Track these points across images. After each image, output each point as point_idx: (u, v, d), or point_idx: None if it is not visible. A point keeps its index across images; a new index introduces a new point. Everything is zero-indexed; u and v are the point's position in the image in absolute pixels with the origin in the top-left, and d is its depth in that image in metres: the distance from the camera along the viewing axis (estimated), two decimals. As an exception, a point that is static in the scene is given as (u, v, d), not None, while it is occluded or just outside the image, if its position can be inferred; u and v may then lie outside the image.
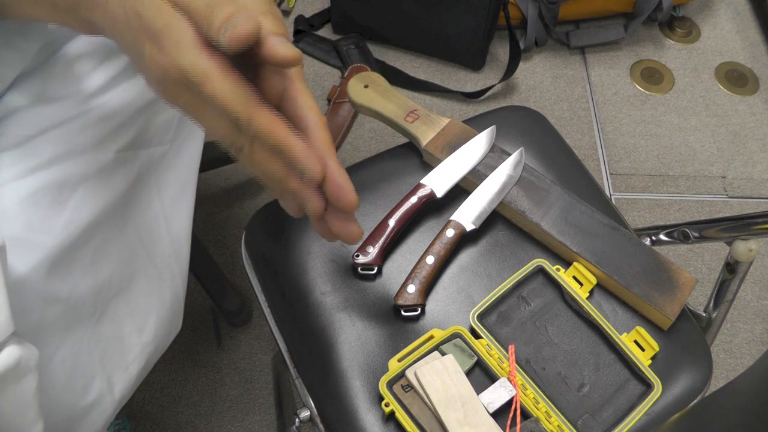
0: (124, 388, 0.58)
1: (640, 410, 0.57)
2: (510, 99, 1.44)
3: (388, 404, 0.56)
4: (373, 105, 0.73)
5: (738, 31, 1.59)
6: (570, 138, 1.38)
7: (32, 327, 0.48)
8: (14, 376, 0.42)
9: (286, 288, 0.65)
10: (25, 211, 0.49)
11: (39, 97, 0.52)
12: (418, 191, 0.67)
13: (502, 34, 1.47)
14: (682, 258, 1.24)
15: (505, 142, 0.73)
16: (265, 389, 1.08)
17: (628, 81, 1.49)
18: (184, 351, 1.11)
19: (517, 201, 0.67)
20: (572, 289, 0.63)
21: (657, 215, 1.29)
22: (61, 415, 0.52)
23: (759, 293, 1.20)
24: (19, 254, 0.47)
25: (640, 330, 0.61)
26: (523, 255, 0.66)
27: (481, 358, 0.59)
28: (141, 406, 1.06)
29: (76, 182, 0.52)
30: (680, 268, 0.64)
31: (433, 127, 0.71)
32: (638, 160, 1.36)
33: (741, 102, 1.46)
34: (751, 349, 1.14)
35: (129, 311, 0.58)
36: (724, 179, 1.34)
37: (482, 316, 0.61)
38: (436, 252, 0.63)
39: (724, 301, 0.69)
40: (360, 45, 1.47)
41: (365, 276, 0.65)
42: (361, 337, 0.61)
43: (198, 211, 0.68)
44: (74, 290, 0.52)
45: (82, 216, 0.52)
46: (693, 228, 0.70)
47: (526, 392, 0.57)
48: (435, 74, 1.47)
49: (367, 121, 1.38)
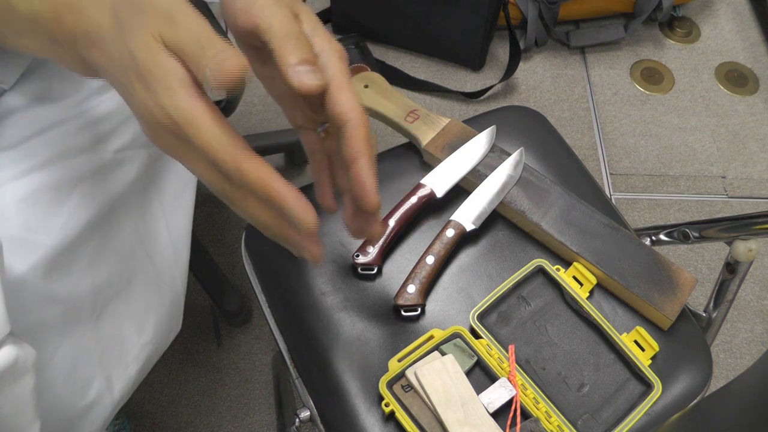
0: (123, 388, 0.58)
1: (640, 410, 0.57)
2: (510, 99, 1.44)
3: (388, 404, 0.56)
4: (373, 105, 0.72)
5: (738, 31, 1.59)
6: (570, 138, 1.38)
7: (31, 327, 0.48)
8: (11, 376, 0.41)
9: (286, 288, 0.65)
10: (24, 211, 0.49)
11: (37, 98, 0.52)
12: (418, 191, 0.67)
13: (502, 34, 1.47)
14: (682, 258, 1.23)
15: (505, 142, 0.73)
16: (265, 389, 1.08)
17: (628, 81, 1.49)
18: (184, 351, 1.11)
19: (517, 201, 0.67)
20: (572, 289, 0.63)
21: (657, 215, 1.29)
22: (61, 415, 0.52)
23: (759, 293, 1.20)
24: (18, 254, 0.47)
25: (640, 330, 0.61)
26: (523, 255, 0.66)
27: (481, 358, 0.59)
28: (141, 406, 1.05)
29: (74, 182, 0.52)
30: (680, 268, 0.64)
31: (433, 127, 0.71)
32: (638, 160, 1.36)
33: (741, 102, 1.46)
34: (751, 349, 1.14)
35: (128, 311, 0.58)
36: (724, 179, 1.34)
37: (482, 316, 0.61)
38: (436, 252, 0.63)
39: (724, 301, 0.69)
40: (360, 45, 1.47)
41: (365, 276, 0.65)
42: (361, 337, 0.61)
43: (198, 211, 0.68)
44: (73, 290, 0.52)
45: (80, 216, 0.52)
46: (693, 228, 0.70)
47: (526, 392, 0.57)
48: (435, 74, 1.47)
49: (367, 121, 1.38)
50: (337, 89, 0.41)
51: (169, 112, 0.36)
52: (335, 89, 0.41)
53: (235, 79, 0.35)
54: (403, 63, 1.48)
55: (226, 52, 0.35)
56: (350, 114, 0.41)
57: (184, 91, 0.36)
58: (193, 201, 0.67)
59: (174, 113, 0.36)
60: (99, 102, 0.54)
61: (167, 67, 0.36)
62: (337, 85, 0.41)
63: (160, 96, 0.36)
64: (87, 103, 0.54)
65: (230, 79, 0.35)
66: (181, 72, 0.36)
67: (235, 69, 0.35)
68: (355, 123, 0.42)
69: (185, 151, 0.38)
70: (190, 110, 0.36)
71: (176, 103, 0.36)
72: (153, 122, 0.37)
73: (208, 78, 0.35)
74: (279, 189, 0.38)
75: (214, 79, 0.35)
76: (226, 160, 0.37)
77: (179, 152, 0.39)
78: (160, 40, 0.36)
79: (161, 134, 0.38)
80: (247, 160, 0.37)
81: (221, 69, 0.35)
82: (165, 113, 0.36)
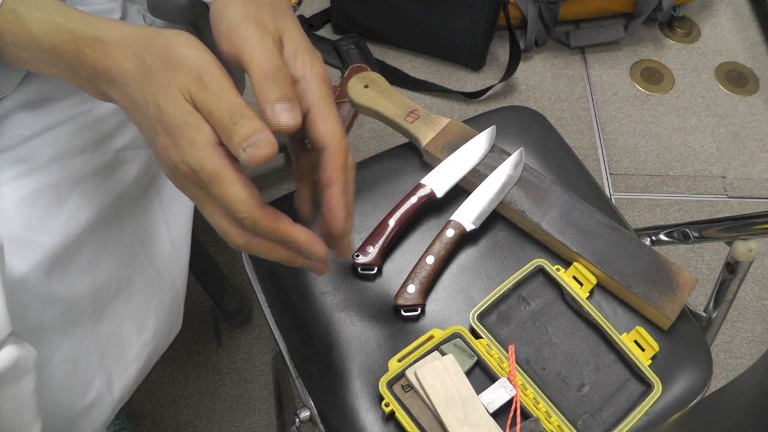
0: (123, 388, 0.58)
1: (640, 410, 0.57)
2: (510, 99, 1.44)
3: (388, 404, 0.56)
4: (373, 105, 0.72)
5: (738, 31, 1.59)
6: (570, 138, 1.38)
7: (31, 327, 0.48)
8: (12, 376, 0.41)
9: (286, 288, 0.65)
10: (24, 211, 0.49)
11: (38, 99, 0.52)
12: (418, 191, 0.67)
13: (502, 34, 1.47)
14: (682, 258, 1.23)
15: (505, 142, 0.73)
16: (265, 389, 1.08)
17: (628, 81, 1.49)
18: (184, 351, 1.11)
19: (517, 201, 0.67)
20: (572, 289, 0.63)
21: (657, 215, 1.29)
22: (61, 415, 0.52)
23: (759, 293, 1.20)
24: (18, 254, 0.47)
25: (640, 330, 0.61)
26: (523, 255, 0.66)
27: (481, 358, 0.59)
28: (141, 406, 1.06)
29: (74, 182, 0.52)
30: (680, 268, 0.64)
31: (433, 127, 0.71)
32: (638, 160, 1.36)
33: (741, 102, 1.46)
34: (751, 349, 1.14)
35: (128, 311, 0.58)
36: (724, 179, 1.34)
37: (482, 316, 0.61)
38: (436, 252, 0.63)
39: (724, 301, 0.69)
40: (360, 45, 1.47)
41: (365, 276, 0.65)
42: (361, 337, 0.61)
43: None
44: (73, 290, 0.52)
45: (80, 216, 0.52)
46: (693, 228, 0.70)
47: (526, 392, 0.57)
48: (435, 74, 1.47)
49: (367, 121, 1.38)
50: (316, 115, 0.43)
51: (193, 168, 0.38)
52: (315, 115, 0.43)
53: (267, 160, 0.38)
54: (403, 63, 1.48)
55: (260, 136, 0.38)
56: (328, 142, 0.43)
57: (211, 150, 0.38)
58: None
59: (199, 170, 0.38)
60: (99, 103, 0.54)
61: (197, 126, 0.38)
62: (316, 111, 0.43)
63: (186, 152, 0.38)
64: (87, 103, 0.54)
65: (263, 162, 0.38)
66: (208, 132, 0.38)
67: (268, 154, 0.37)
68: (331, 151, 0.43)
69: (202, 197, 0.41)
70: (214, 169, 0.38)
71: (202, 162, 0.38)
72: (176, 171, 0.40)
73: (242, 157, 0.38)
74: (290, 232, 0.42)
75: (249, 161, 0.38)
76: (244, 213, 0.39)
77: (197, 197, 0.41)
78: (190, 100, 0.38)
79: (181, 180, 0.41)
80: (262, 211, 0.40)
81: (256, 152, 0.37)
82: (189, 168, 0.39)
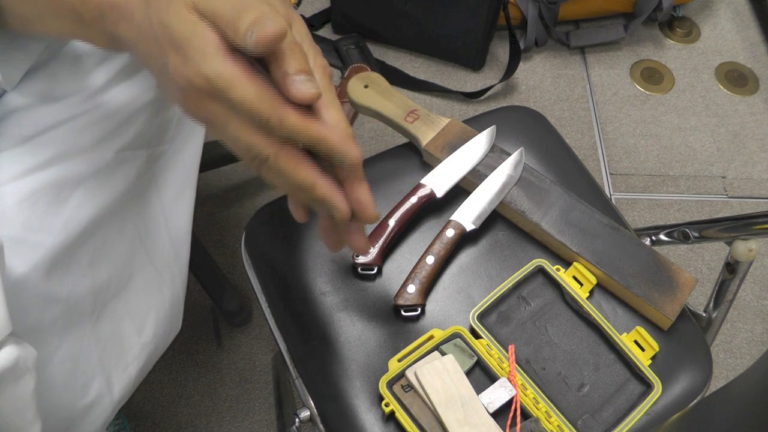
0: (123, 388, 0.58)
1: (640, 410, 0.57)
2: (510, 99, 1.44)
3: (388, 404, 0.56)
4: (373, 105, 0.73)
5: (738, 31, 1.59)
6: (570, 138, 1.38)
7: (31, 327, 0.48)
8: (12, 376, 0.41)
9: (286, 288, 0.65)
10: (25, 211, 0.49)
11: (38, 97, 0.52)
12: (418, 191, 0.67)
13: (502, 34, 1.46)
14: (682, 258, 1.23)
15: (505, 142, 0.73)
16: (265, 389, 1.08)
17: (628, 81, 1.49)
18: (184, 351, 1.11)
19: (517, 201, 0.67)
20: (572, 289, 0.63)
21: (657, 215, 1.29)
22: (61, 415, 0.52)
23: (759, 293, 1.20)
24: (18, 254, 0.47)
25: (640, 330, 0.61)
26: (523, 255, 0.66)
27: (481, 358, 0.59)
28: (141, 406, 1.05)
29: (75, 182, 0.52)
30: (680, 268, 0.64)
31: (433, 127, 0.71)
32: (638, 160, 1.36)
33: (741, 102, 1.46)
34: (751, 349, 1.14)
35: (128, 311, 0.58)
36: (724, 179, 1.34)
37: (482, 316, 0.61)
38: (436, 252, 0.63)
39: (724, 301, 0.69)
40: (360, 45, 1.47)
41: (365, 276, 0.65)
42: (361, 337, 0.61)
43: (198, 211, 0.68)
44: (73, 290, 0.52)
45: (81, 216, 0.52)
46: (693, 228, 0.70)
47: (526, 392, 0.57)
48: (435, 74, 1.47)
49: (367, 121, 1.38)
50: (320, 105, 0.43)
51: (209, 78, 0.38)
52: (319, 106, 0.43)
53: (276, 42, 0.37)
54: (403, 63, 1.48)
55: (266, 17, 0.37)
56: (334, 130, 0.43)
57: (223, 56, 0.38)
58: (193, 201, 0.67)
59: (215, 77, 0.38)
60: (100, 102, 0.54)
61: (204, 34, 0.38)
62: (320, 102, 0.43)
63: (199, 63, 0.38)
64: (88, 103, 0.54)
65: (272, 43, 0.37)
66: (216, 39, 0.38)
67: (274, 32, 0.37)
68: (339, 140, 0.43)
69: (223, 114, 0.40)
70: (230, 73, 0.38)
71: (216, 69, 0.38)
72: (192, 90, 0.39)
73: (249, 45, 0.37)
74: (320, 129, 0.41)
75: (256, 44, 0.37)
76: (269, 112, 0.39)
77: (217, 117, 0.40)
78: (194, 10, 0.38)
79: (199, 101, 0.39)
80: (287, 109, 0.39)
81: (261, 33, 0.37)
82: (205, 79, 0.38)
